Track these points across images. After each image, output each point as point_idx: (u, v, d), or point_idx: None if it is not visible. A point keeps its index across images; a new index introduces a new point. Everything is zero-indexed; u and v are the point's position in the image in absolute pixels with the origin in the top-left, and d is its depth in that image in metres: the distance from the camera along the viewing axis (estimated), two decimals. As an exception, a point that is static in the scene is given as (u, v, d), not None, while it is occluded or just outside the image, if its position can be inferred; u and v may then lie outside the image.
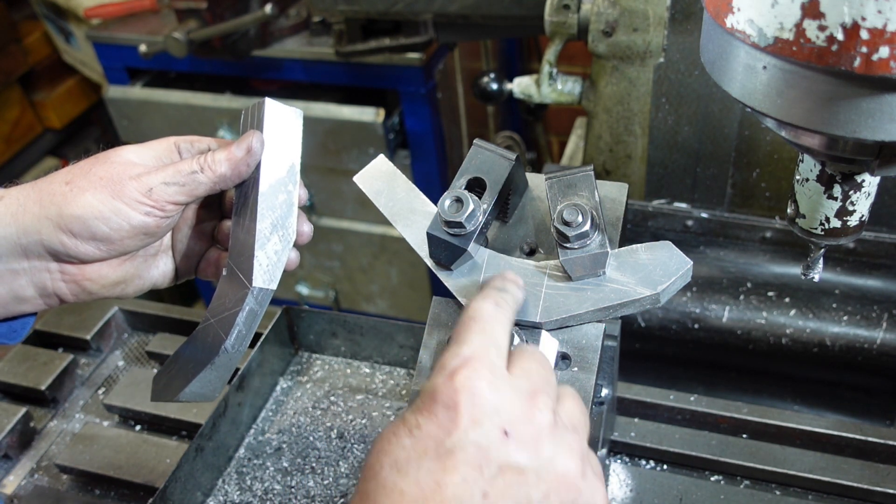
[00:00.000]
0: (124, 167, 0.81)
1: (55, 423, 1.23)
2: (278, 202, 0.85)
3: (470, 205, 0.77)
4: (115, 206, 0.79)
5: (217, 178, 0.83)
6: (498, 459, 0.58)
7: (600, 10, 1.37)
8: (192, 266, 0.93)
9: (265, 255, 0.84)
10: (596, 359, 0.79)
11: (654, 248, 0.79)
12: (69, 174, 0.81)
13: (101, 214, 0.79)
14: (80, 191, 0.79)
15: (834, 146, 0.68)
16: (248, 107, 0.89)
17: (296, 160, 0.88)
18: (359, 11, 1.91)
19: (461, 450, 0.58)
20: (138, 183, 0.80)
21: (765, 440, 1.06)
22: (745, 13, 0.61)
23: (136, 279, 0.88)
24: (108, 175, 0.80)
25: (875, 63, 0.56)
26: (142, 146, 0.86)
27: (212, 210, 0.93)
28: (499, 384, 0.61)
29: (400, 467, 0.58)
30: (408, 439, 0.59)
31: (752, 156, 1.36)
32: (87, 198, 0.79)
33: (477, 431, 0.58)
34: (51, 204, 0.79)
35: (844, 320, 1.26)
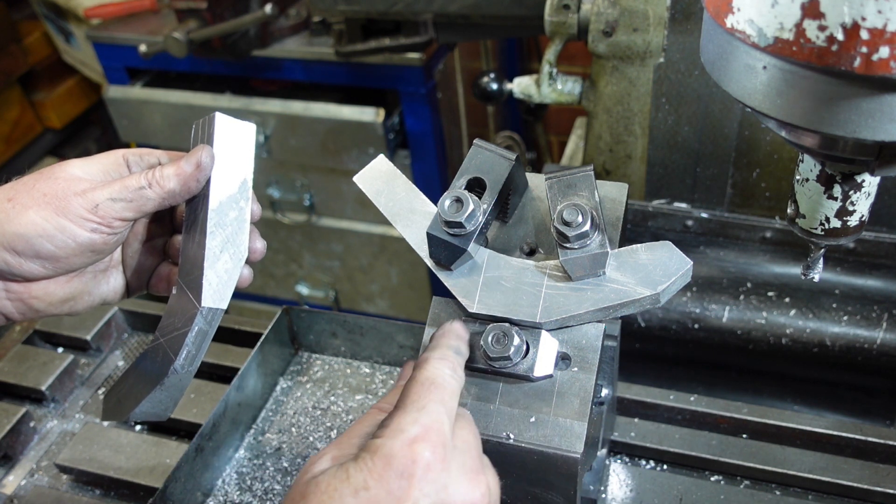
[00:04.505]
0: (69, 183, 0.78)
1: (55, 423, 1.23)
2: (229, 219, 0.84)
3: (470, 205, 0.77)
4: (60, 224, 0.77)
5: (165, 194, 0.80)
6: None
7: (600, 10, 1.37)
8: (144, 281, 0.92)
9: (215, 273, 0.82)
10: (596, 359, 0.79)
11: (654, 248, 0.79)
12: (11, 191, 0.78)
13: (45, 232, 0.76)
14: (22, 208, 0.76)
15: (834, 146, 0.68)
16: (198, 121, 0.87)
17: (248, 175, 0.86)
18: (359, 11, 1.90)
19: None
20: (83, 199, 0.77)
21: (765, 440, 1.06)
22: (745, 13, 0.61)
23: (86, 296, 0.87)
24: (51, 191, 0.77)
25: (875, 63, 0.56)
26: (88, 160, 0.83)
27: (163, 224, 0.91)
28: (449, 461, 0.67)
29: None
30: (352, 499, 0.63)
31: (752, 156, 1.36)
32: (29, 215, 0.76)
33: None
34: None
35: (844, 320, 1.26)
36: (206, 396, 1.20)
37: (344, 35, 2.05)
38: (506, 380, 0.80)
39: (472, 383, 0.80)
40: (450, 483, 0.67)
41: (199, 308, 0.81)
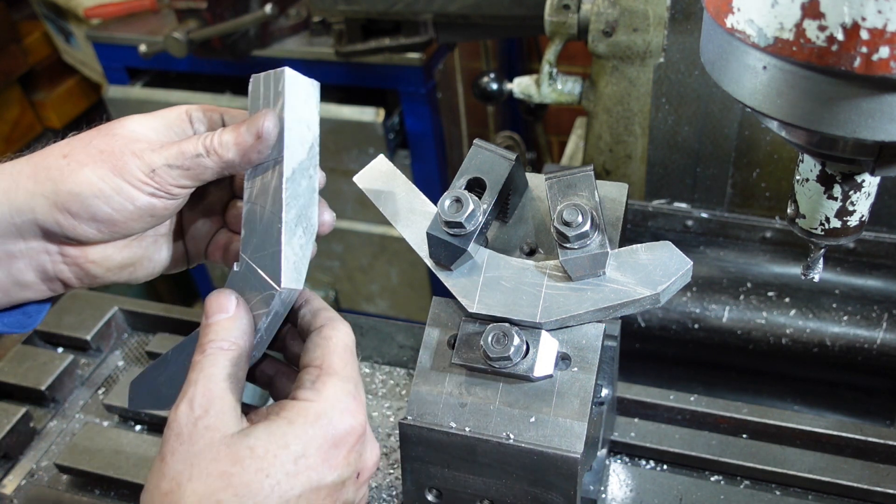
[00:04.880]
0: (127, 141, 0.73)
1: (55, 423, 1.23)
2: (301, 189, 0.75)
3: (470, 205, 0.77)
4: (118, 185, 0.72)
5: (224, 164, 0.74)
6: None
7: (600, 10, 1.37)
8: (202, 249, 0.86)
9: (292, 250, 0.73)
10: (596, 359, 0.79)
11: (654, 248, 0.79)
12: (67, 146, 0.73)
13: (101, 192, 0.71)
14: (78, 165, 0.71)
15: (834, 146, 0.68)
16: (259, 75, 0.77)
17: (315, 140, 0.78)
18: (359, 11, 1.91)
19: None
20: (141, 161, 0.72)
21: (765, 440, 1.06)
22: (745, 13, 0.61)
23: (145, 262, 0.81)
24: (109, 148, 0.72)
25: (875, 63, 0.56)
26: (149, 116, 0.77)
27: (222, 187, 0.85)
28: (366, 429, 0.74)
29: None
30: (292, 466, 0.66)
31: (752, 156, 1.36)
32: (85, 173, 0.71)
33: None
34: (46, 179, 0.71)
35: (844, 320, 1.26)
36: (206, 396, 1.20)
37: (344, 35, 2.05)
38: (506, 380, 0.80)
39: (472, 383, 0.81)
40: (364, 449, 0.73)
41: (277, 290, 0.72)
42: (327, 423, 0.68)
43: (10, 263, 0.75)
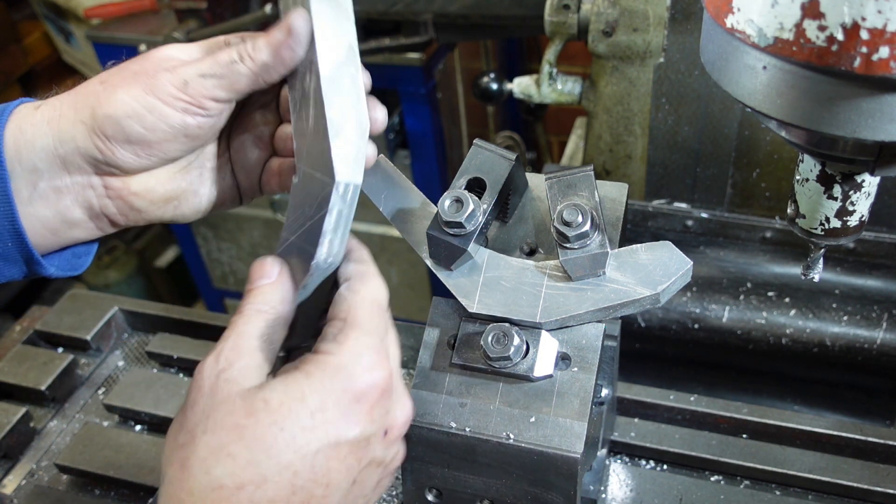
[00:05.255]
0: (161, 61, 0.72)
1: (55, 423, 1.23)
2: (344, 87, 0.72)
3: (470, 205, 0.77)
4: (149, 103, 0.70)
5: (258, 67, 0.72)
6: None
7: (600, 10, 1.37)
8: (256, 180, 0.83)
9: (343, 142, 0.69)
10: (596, 359, 0.79)
11: (654, 248, 0.79)
12: (106, 74, 0.74)
13: (133, 112, 0.70)
14: (112, 88, 0.71)
15: (834, 146, 0.68)
16: None
17: (353, 40, 0.74)
18: (359, 11, 1.91)
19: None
20: (173, 76, 0.71)
21: (765, 440, 1.06)
22: (745, 13, 0.61)
23: (191, 196, 0.79)
24: (142, 69, 0.72)
25: (875, 63, 0.56)
26: (187, 44, 0.76)
27: (268, 112, 0.82)
28: (395, 386, 0.70)
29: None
30: (308, 420, 0.62)
31: (752, 156, 1.36)
32: (119, 95, 0.71)
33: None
34: (84, 106, 0.72)
35: (844, 320, 1.26)
36: (206, 396, 1.20)
37: (344, 35, 2.04)
38: (506, 380, 0.80)
39: (472, 383, 0.81)
40: (392, 407, 0.69)
41: (333, 183, 0.67)
42: (347, 377, 0.64)
43: (57, 200, 0.74)
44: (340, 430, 0.63)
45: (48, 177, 0.73)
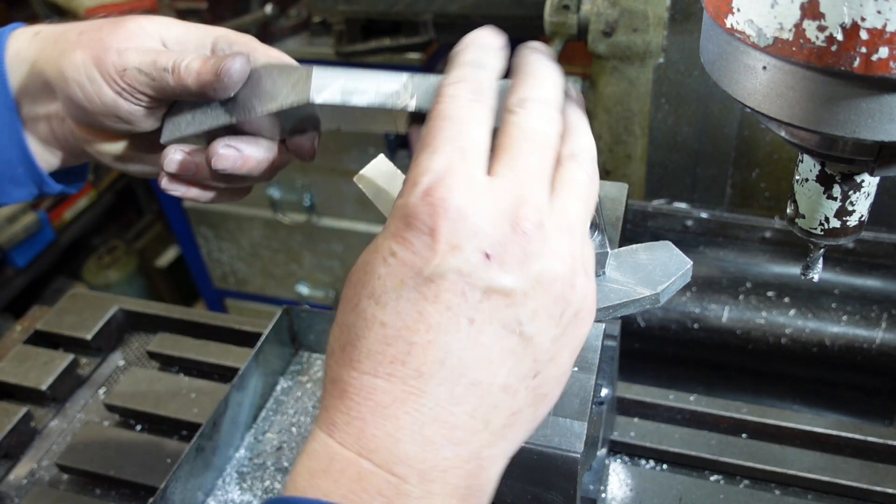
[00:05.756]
0: (127, 35, 0.73)
1: (55, 423, 1.24)
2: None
3: (470, 205, 0.77)
4: (92, 74, 0.72)
5: (182, 88, 0.72)
6: (482, 284, 0.52)
7: (600, 11, 1.37)
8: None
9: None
10: (596, 359, 0.79)
11: (654, 248, 0.79)
12: (91, 24, 0.75)
13: (78, 78, 0.73)
14: (76, 45, 0.73)
15: (833, 146, 0.68)
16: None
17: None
18: (359, 12, 1.91)
19: (441, 278, 0.52)
20: (118, 58, 0.72)
21: (764, 440, 1.06)
22: (744, 13, 0.61)
23: (138, 162, 0.81)
24: (107, 39, 0.73)
25: (875, 63, 0.56)
26: (176, 24, 0.77)
27: None
28: (478, 201, 0.53)
29: (378, 299, 0.53)
30: (383, 268, 0.54)
31: (751, 156, 1.36)
32: (76, 55, 0.73)
33: (457, 258, 0.52)
34: (54, 49, 0.74)
35: (844, 320, 1.26)
36: (206, 396, 1.20)
37: (344, 35, 2.05)
38: (506, 379, 0.80)
39: (472, 383, 0.81)
40: (483, 227, 0.53)
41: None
42: (404, 213, 0.54)
43: (49, 121, 0.78)
44: (417, 269, 0.54)
45: (41, 101, 0.77)
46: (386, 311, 0.53)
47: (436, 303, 0.52)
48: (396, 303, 0.53)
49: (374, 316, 0.53)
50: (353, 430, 0.53)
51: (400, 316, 0.52)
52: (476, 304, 0.52)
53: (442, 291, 0.52)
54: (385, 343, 0.53)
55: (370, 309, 0.53)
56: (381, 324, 0.53)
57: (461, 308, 0.52)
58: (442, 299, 0.52)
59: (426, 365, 0.52)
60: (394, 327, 0.53)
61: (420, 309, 0.52)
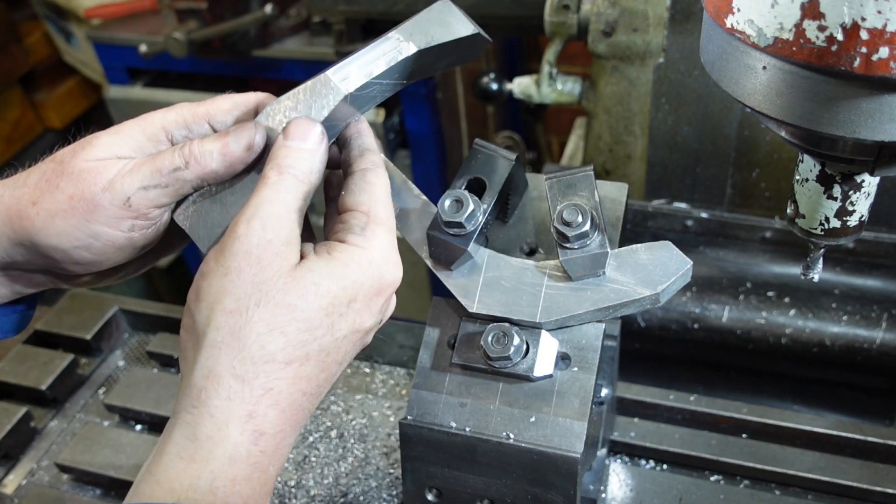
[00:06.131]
0: (94, 176, 0.69)
1: (55, 423, 1.23)
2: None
3: (470, 205, 0.77)
4: (93, 231, 0.69)
5: (205, 175, 0.70)
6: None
7: (600, 10, 1.37)
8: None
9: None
10: (596, 359, 0.79)
11: (654, 248, 0.79)
12: (35, 191, 0.70)
13: (80, 243, 0.70)
14: (49, 216, 0.69)
15: (834, 146, 0.68)
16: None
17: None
18: (359, 11, 1.91)
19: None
20: (112, 194, 0.68)
21: (764, 440, 1.06)
22: (744, 13, 0.61)
23: (140, 266, 0.81)
24: (78, 192, 0.68)
25: (875, 63, 0.56)
26: (119, 135, 0.72)
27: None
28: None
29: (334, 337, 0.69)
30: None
31: (751, 156, 1.36)
32: (58, 225, 0.69)
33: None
34: (21, 229, 0.70)
35: (844, 320, 1.26)
36: (206, 396, 1.20)
37: (344, 35, 2.04)
38: (506, 380, 0.80)
39: (472, 383, 0.81)
40: (392, 301, 0.77)
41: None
42: (376, 273, 0.69)
43: (10, 284, 0.77)
44: (363, 320, 0.69)
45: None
46: (334, 346, 0.68)
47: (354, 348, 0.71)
48: (342, 342, 0.68)
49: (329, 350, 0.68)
50: (276, 441, 0.65)
51: (338, 349, 0.68)
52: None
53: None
54: (321, 371, 0.67)
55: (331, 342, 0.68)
56: (326, 353, 0.67)
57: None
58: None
59: (328, 383, 0.69)
60: (335, 359, 0.68)
61: (348, 349, 0.69)
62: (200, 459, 0.62)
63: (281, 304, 0.64)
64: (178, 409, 0.64)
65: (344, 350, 0.69)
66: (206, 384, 0.63)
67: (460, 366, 0.81)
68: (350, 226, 0.71)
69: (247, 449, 0.63)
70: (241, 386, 0.63)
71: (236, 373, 0.63)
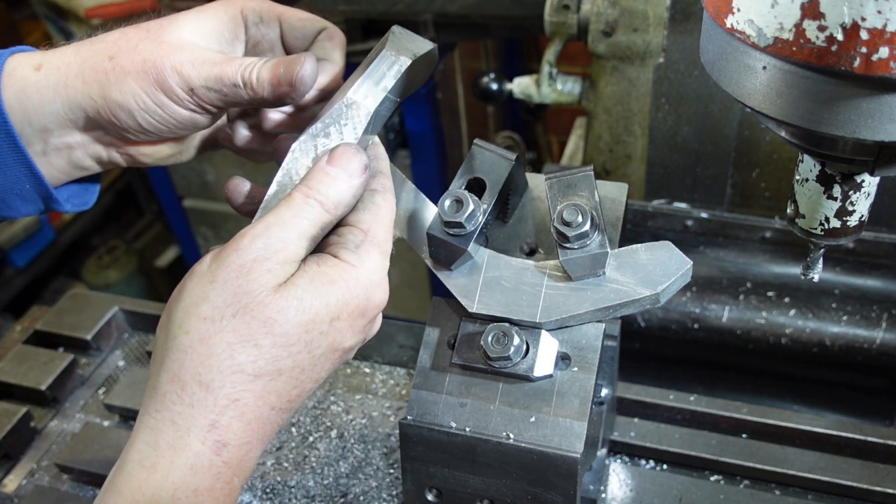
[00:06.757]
0: (171, 51, 0.74)
1: (55, 423, 1.23)
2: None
3: (470, 205, 0.77)
4: (160, 99, 0.74)
5: (258, 100, 0.76)
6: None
7: (600, 10, 1.37)
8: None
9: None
10: (596, 359, 0.79)
11: (654, 248, 0.79)
12: (114, 46, 0.75)
13: (146, 107, 0.74)
14: (122, 73, 0.73)
15: (833, 146, 0.68)
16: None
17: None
18: (359, 11, 1.91)
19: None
20: (180, 78, 0.73)
21: (764, 440, 1.06)
22: (744, 13, 0.61)
23: (192, 149, 0.85)
24: (152, 58, 0.73)
25: (875, 63, 0.56)
26: (201, 16, 0.78)
27: None
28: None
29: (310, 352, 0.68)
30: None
31: (751, 156, 1.36)
32: (129, 84, 0.73)
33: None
34: (94, 82, 0.74)
35: (844, 320, 1.26)
36: (206, 396, 1.20)
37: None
38: (506, 380, 0.80)
39: (472, 383, 0.81)
40: (376, 322, 0.75)
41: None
42: (363, 293, 0.68)
43: (69, 153, 0.79)
44: (344, 338, 0.69)
45: (59, 134, 0.77)
46: (309, 362, 0.67)
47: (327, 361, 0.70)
48: (320, 359, 0.68)
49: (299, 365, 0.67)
50: (241, 453, 0.65)
51: (315, 366, 0.68)
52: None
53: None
54: (294, 387, 0.67)
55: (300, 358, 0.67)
56: (301, 370, 0.67)
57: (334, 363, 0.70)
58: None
59: (300, 399, 0.68)
60: (310, 376, 0.68)
61: (325, 366, 0.69)
62: (162, 469, 0.62)
63: (258, 317, 0.64)
64: (142, 412, 0.65)
65: (321, 367, 0.68)
66: (170, 389, 0.63)
67: (460, 366, 0.81)
68: (345, 241, 0.70)
69: (209, 459, 0.63)
70: (205, 394, 0.62)
71: (201, 380, 0.63)
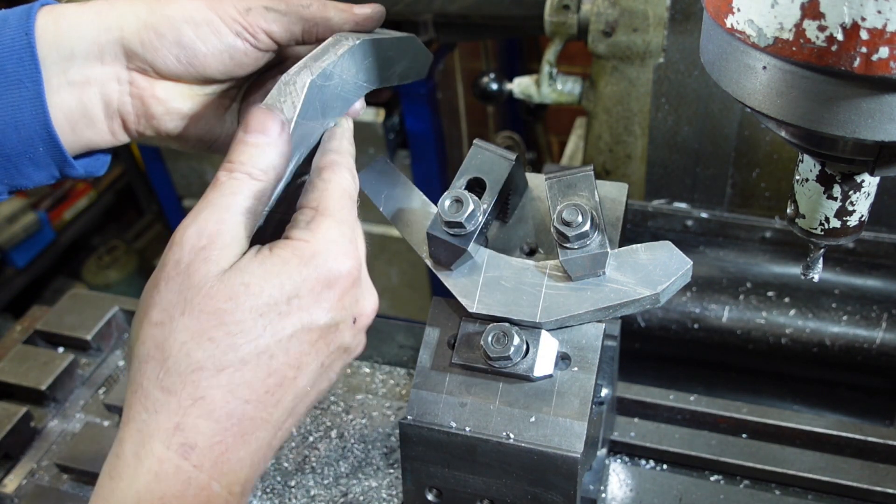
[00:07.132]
0: None
1: (55, 423, 1.23)
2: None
3: (470, 205, 0.77)
4: (208, 17, 0.74)
5: (321, 20, 0.76)
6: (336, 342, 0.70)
7: (600, 10, 1.37)
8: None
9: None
10: (596, 359, 0.79)
11: (654, 248, 0.79)
12: None
13: (192, 19, 0.74)
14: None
15: (834, 146, 0.68)
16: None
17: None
18: (359, 11, 1.90)
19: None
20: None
21: (764, 440, 1.06)
22: (744, 13, 0.61)
23: (199, 122, 0.81)
24: None
25: (875, 63, 0.56)
26: None
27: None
28: (361, 276, 0.72)
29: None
30: (285, 307, 0.64)
31: (751, 156, 1.36)
32: (184, 2, 0.74)
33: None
34: (146, 2, 0.74)
35: (844, 320, 1.26)
36: (206, 396, 1.20)
37: (344, 35, 2.04)
38: (506, 380, 0.80)
39: (472, 383, 0.81)
40: (361, 295, 0.71)
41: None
42: (321, 264, 0.65)
43: (83, 90, 0.75)
44: (313, 316, 0.65)
45: (80, 63, 0.74)
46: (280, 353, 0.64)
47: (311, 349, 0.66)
48: (290, 342, 0.64)
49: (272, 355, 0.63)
50: (213, 454, 0.60)
51: (289, 351, 0.64)
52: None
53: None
54: (268, 375, 0.63)
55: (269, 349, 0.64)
56: (270, 356, 0.63)
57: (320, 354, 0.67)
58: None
59: (288, 398, 0.65)
60: (285, 361, 0.64)
61: (305, 349, 0.65)
62: (127, 478, 0.60)
63: (206, 310, 0.61)
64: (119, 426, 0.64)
65: (297, 351, 0.64)
66: (134, 400, 0.62)
67: (460, 366, 0.81)
68: (296, 221, 0.68)
69: (175, 464, 0.60)
70: (167, 397, 0.60)
71: (162, 385, 0.60)
